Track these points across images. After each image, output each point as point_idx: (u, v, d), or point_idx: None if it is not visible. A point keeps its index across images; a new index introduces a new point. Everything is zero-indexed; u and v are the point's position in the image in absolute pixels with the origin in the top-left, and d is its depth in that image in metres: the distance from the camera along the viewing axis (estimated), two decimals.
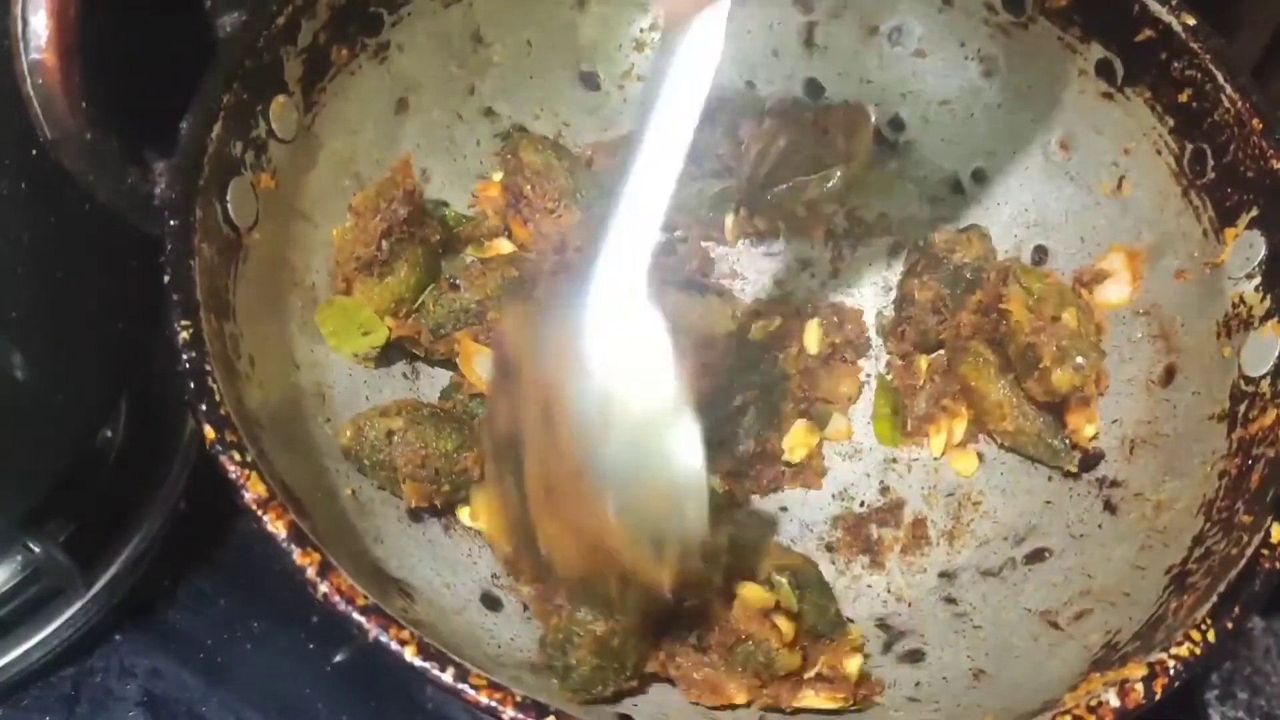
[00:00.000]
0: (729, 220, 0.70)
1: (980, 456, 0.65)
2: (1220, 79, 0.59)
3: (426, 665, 0.43)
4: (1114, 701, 0.44)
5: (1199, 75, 0.60)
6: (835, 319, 0.69)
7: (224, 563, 0.71)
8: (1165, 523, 0.56)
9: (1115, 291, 0.64)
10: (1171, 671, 0.44)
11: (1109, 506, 0.59)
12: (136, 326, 0.60)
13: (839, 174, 0.67)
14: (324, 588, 0.44)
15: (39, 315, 0.54)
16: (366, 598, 0.44)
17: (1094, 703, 0.44)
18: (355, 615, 0.43)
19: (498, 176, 0.69)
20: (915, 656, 0.57)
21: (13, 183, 0.50)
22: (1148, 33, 0.61)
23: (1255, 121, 0.57)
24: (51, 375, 0.56)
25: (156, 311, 0.50)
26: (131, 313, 0.59)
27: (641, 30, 0.73)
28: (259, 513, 0.45)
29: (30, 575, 0.64)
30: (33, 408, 0.55)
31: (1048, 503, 0.61)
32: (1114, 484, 0.60)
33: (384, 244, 0.61)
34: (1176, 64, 0.61)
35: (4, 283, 0.52)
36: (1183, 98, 0.61)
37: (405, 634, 0.43)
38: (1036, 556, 0.59)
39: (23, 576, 0.64)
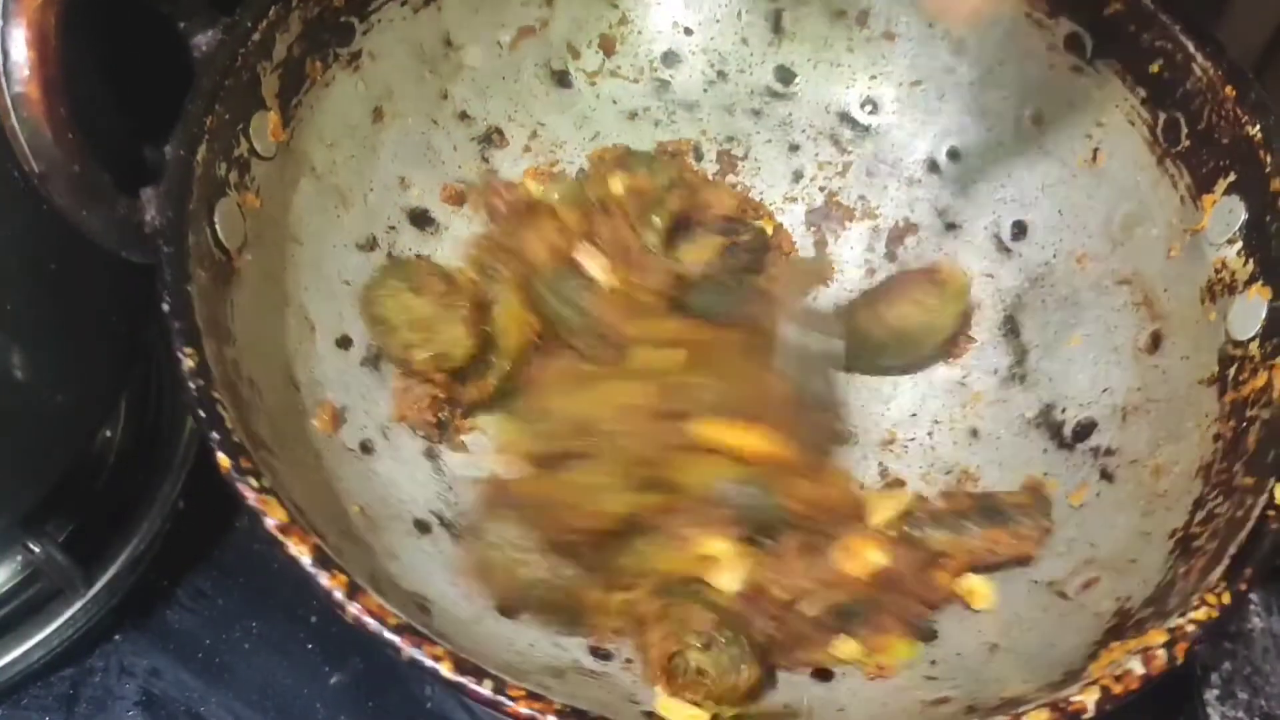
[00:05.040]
0: None
1: (975, 432, 0.65)
2: (1191, 48, 0.60)
3: (464, 680, 0.43)
4: (1139, 669, 0.44)
5: (1169, 45, 0.61)
6: None
7: (224, 563, 0.70)
8: (1165, 487, 0.56)
9: None
10: (1191, 636, 0.45)
11: (1106, 475, 0.60)
12: (136, 326, 0.59)
13: None
14: (353, 610, 0.44)
15: (38, 314, 0.53)
16: (398, 617, 0.44)
17: (1119, 672, 0.44)
18: (388, 635, 0.43)
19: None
20: (928, 635, 0.58)
21: (12, 182, 0.49)
22: (1116, 5, 0.62)
23: (1228, 89, 0.58)
24: (51, 375, 0.55)
25: (156, 311, 0.50)
26: (131, 313, 0.59)
27: (611, 26, 0.73)
28: (281, 538, 0.45)
29: (30, 575, 0.63)
30: (33, 408, 0.55)
31: (1045, 474, 0.62)
32: (1109, 452, 0.61)
33: None
34: (1146, 35, 0.62)
35: (4, 281, 0.51)
36: (1153, 68, 0.62)
37: (439, 650, 0.43)
38: None
39: (23, 576, 0.63)
